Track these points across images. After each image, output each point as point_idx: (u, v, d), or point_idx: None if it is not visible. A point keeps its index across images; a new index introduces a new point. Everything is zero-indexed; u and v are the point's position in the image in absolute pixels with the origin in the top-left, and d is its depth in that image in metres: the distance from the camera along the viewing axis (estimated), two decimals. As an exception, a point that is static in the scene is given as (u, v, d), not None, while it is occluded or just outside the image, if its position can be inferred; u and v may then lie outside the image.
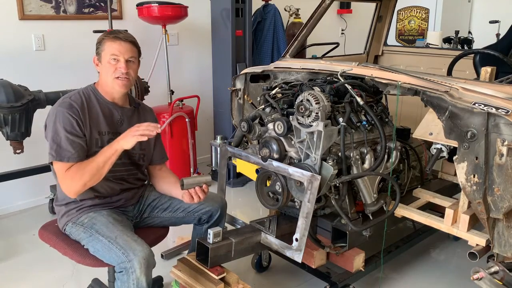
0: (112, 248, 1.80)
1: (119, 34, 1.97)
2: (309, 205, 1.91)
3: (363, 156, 2.10)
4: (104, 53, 1.95)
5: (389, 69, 2.17)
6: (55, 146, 1.85)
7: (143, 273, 1.76)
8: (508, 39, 3.39)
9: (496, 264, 1.82)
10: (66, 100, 1.93)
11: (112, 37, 1.95)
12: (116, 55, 1.93)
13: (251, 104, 2.68)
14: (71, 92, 2.02)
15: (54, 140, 1.86)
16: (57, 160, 1.85)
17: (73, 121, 1.87)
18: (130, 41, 1.99)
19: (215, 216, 2.20)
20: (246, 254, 2.26)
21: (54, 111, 1.91)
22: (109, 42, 1.94)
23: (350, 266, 2.28)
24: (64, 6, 3.52)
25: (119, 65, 1.94)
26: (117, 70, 1.94)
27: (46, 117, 1.96)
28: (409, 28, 6.17)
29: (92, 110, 1.96)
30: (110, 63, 1.94)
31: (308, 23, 2.88)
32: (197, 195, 1.97)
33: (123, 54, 1.94)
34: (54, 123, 1.87)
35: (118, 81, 1.95)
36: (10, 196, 3.46)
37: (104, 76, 1.98)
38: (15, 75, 3.02)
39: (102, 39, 1.97)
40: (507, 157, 1.65)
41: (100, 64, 1.98)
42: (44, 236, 2.04)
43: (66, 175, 1.85)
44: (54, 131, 1.87)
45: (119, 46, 1.94)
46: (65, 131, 1.85)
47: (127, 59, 1.95)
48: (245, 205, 3.73)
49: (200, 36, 4.32)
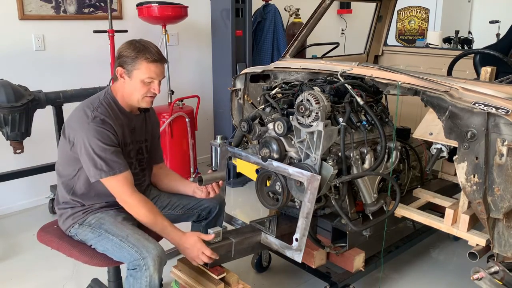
0: (124, 247, 1.81)
1: (155, 56, 1.88)
2: (309, 205, 1.91)
3: (363, 156, 2.10)
4: (139, 73, 1.87)
5: (389, 69, 2.17)
6: (103, 162, 1.81)
7: (156, 270, 1.78)
8: (508, 39, 3.39)
9: (496, 264, 1.82)
10: (95, 112, 1.86)
11: (151, 60, 1.86)
12: (153, 78, 1.89)
13: (251, 104, 2.68)
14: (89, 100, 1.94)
15: (100, 157, 1.81)
16: (111, 175, 1.82)
17: (110, 135, 1.85)
18: (164, 61, 1.93)
19: (214, 213, 2.22)
20: (246, 254, 2.26)
21: (87, 127, 1.83)
22: (146, 63, 1.86)
23: (350, 266, 2.28)
24: (64, 6, 3.52)
25: (154, 86, 1.91)
26: (150, 90, 1.91)
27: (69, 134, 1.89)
28: (409, 28, 6.17)
29: (116, 122, 1.91)
30: (144, 84, 1.89)
31: (308, 23, 2.88)
32: (214, 190, 2.10)
33: (159, 76, 1.91)
34: (93, 140, 1.81)
35: (148, 99, 1.93)
36: (10, 196, 3.46)
37: (131, 92, 1.92)
38: (15, 75, 3.02)
39: (135, 56, 1.86)
40: (507, 157, 1.65)
41: (128, 79, 1.90)
42: (44, 238, 2.03)
43: (132, 197, 1.86)
44: (95, 148, 1.81)
45: (157, 69, 1.89)
46: (107, 145, 1.82)
47: (160, 80, 1.93)
48: (245, 205, 3.73)
49: (200, 36, 4.32)
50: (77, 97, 3.06)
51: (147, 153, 2.11)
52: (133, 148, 2.00)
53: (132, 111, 2.02)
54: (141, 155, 2.06)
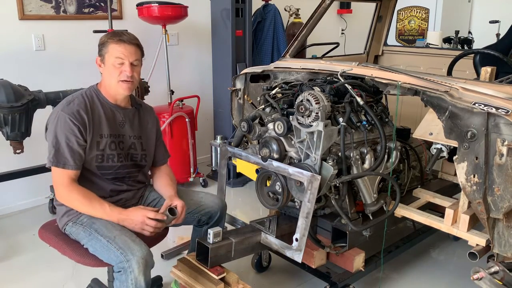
0: (110, 248, 1.79)
1: (123, 37, 1.93)
2: (309, 205, 1.91)
3: (363, 156, 2.10)
4: (108, 56, 1.92)
5: (389, 69, 2.17)
6: (54, 151, 1.85)
7: (141, 272, 1.76)
8: (508, 39, 3.39)
9: (496, 264, 1.82)
10: (70, 104, 1.90)
11: (117, 40, 1.91)
12: (121, 58, 1.91)
13: (251, 104, 2.68)
14: (74, 93, 2.00)
15: (54, 146, 1.85)
16: (55, 165, 1.85)
17: (75, 128, 1.86)
18: (134, 44, 1.95)
19: (215, 218, 2.20)
20: (246, 254, 2.26)
21: (56, 115, 1.89)
22: (113, 44, 1.91)
23: (350, 266, 2.28)
24: (64, 6, 3.52)
25: (124, 68, 1.92)
26: (122, 73, 1.92)
27: (48, 117, 1.95)
28: (409, 28, 6.17)
29: (95, 113, 1.94)
30: (115, 66, 1.91)
31: (308, 23, 2.88)
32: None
33: (128, 57, 1.92)
34: (55, 127, 1.86)
35: (122, 84, 1.94)
36: (10, 196, 3.46)
37: (107, 79, 1.96)
38: (15, 75, 3.02)
39: (105, 41, 1.93)
40: (507, 157, 1.65)
41: (103, 66, 1.95)
42: (44, 235, 2.04)
43: (68, 188, 1.86)
44: (55, 136, 1.86)
45: (124, 49, 1.91)
46: (66, 138, 1.85)
47: (131, 62, 1.93)
48: (245, 205, 3.73)
49: (200, 36, 4.32)
50: (77, 97, 3.06)
51: (143, 150, 2.08)
52: (115, 140, 1.98)
53: (119, 105, 2.02)
54: (134, 150, 2.05)
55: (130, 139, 2.04)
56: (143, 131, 2.11)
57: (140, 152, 2.08)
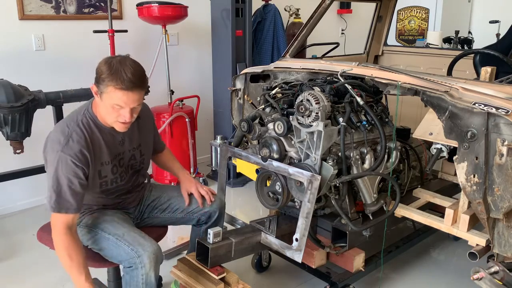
0: (120, 245, 1.81)
1: (125, 83, 1.67)
2: (309, 205, 1.91)
3: (363, 156, 2.10)
4: (107, 97, 1.72)
5: (389, 69, 2.17)
6: (56, 196, 1.72)
7: (152, 268, 1.78)
8: (508, 39, 3.39)
9: (496, 264, 1.82)
10: (69, 142, 1.73)
11: (119, 87, 1.68)
12: (121, 106, 1.73)
13: (251, 104, 2.68)
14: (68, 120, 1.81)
15: (55, 190, 1.72)
16: (57, 212, 1.73)
17: (79, 171, 1.73)
18: (138, 88, 1.72)
19: (214, 217, 2.20)
20: (246, 254, 2.26)
21: (56, 156, 1.71)
22: (113, 89, 1.68)
23: (350, 266, 2.28)
24: (64, 6, 3.52)
25: (123, 112, 1.75)
26: (120, 116, 1.76)
27: (44, 151, 1.78)
28: (409, 28, 6.17)
29: (95, 144, 1.81)
30: (113, 108, 1.74)
31: (308, 23, 2.88)
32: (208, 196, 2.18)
33: (129, 104, 1.73)
34: (57, 171, 1.71)
35: (119, 124, 1.79)
36: (10, 196, 3.46)
37: (103, 114, 1.80)
38: (15, 75, 3.02)
39: (104, 79, 1.68)
40: (507, 157, 1.65)
41: (100, 100, 1.76)
42: (43, 238, 2.03)
43: (62, 237, 1.73)
44: (56, 180, 1.72)
45: (126, 98, 1.71)
46: (69, 181, 1.72)
47: (132, 107, 1.76)
48: (245, 205, 3.73)
49: (200, 36, 4.32)
50: (77, 97, 3.06)
51: (142, 155, 2.05)
52: (116, 163, 1.91)
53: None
54: (133, 160, 2.00)
55: (130, 152, 1.98)
56: (143, 139, 2.04)
57: (139, 159, 2.05)
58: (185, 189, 2.20)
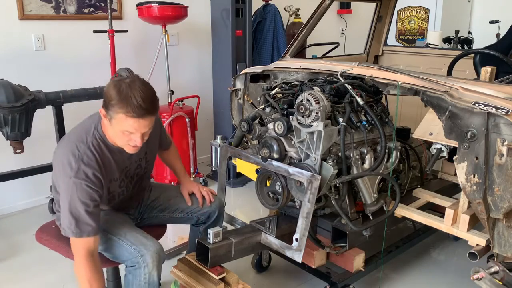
0: (122, 245, 1.82)
1: (136, 110, 1.61)
2: (309, 205, 1.91)
3: (363, 156, 2.10)
4: (116, 122, 1.67)
5: (389, 69, 2.17)
6: (75, 222, 1.68)
7: (155, 267, 1.79)
8: (508, 39, 3.39)
9: (496, 264, 1.82)
10: (81, 167, 1.69)
11: (130, 115, 1.62)
12: (131, 132, 1.69)
13: (251, 104, 2.68)
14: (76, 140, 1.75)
15: (73, 216, 1.69)
16: (78, 237, 1.70)
17: (94, 193, 1.71)
18: (149, 115, 1.67)
19: (213, 217, 2.21)
20: (246, 254, 2.26)
21: (69, 181, 1.68)
22: (124, 116, 1.63)
23: (350, 266, 2.28)
24: (64, 6, 3.52)
25: (134, 137, 1.71)
26: (131, 140, 1.72)
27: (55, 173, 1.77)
28: (409, 28, 6.17)
29: (106, 164, 1.79)
30: (123, 133, 1.70)
31: (308, 23, 2.88)
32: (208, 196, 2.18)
33: (140, 130, 1.69)
34: (72, 197, 1.68)
35: (130, 147, 1.76)
36: (10, 196, 3.46)
37: (113, 137, 1.77)
38: (15, 75, 3.02)
39: (115, 104, 1.62)
40: (507, 157, 1.65)
41: (109, 124, 1.71)
42: (42, 239, 2.03)
43: (84, 262, 1.70)
44: (73, 205, 1.68)
45: (137, 125, 1.66)
46: (86, 205, 1.69)
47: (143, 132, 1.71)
48: (245, 205, 3.73)
49: (200, 36, 4.32)
50: (77, 97, 3.07)
51: (147, 161, 2.04)
52: (124, 177, 1.91)
53: None
54: (139, 169, 1.98)
55: (136, 163, 1.96)
56: (149, 146, 2.00)
57: (144, 165, 2.03)
58: (186, 189, 2.20)
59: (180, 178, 2.27)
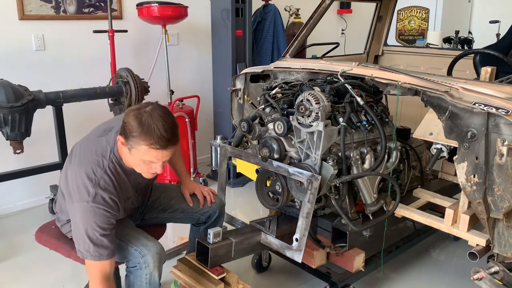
0: (123, 246, 1.82)
1: (159, 142, 1.59)
2: (309, 205, 1.91)
3: (363, 156, 2.10)
4: (137, 152, 1.64)
5: (389, 69, 2.17)
6: (92, 245, 1.67)
7: (156, 267, 1.80)
8: (508, 39, 3.39)
9: (496, 264, 1.82)
10: (99, 191, 1.68)
11: (153, 148, 1.61)
12: (153, 162, 1.68)
13: (251, 104, 2.68)
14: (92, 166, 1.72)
15: (90, 239, 1.67)
16: (97, 260, 1.69)
17: (111, 217, 1.71)
18: (172, 146, 1.65)
19: (214, 217, 2.21)
20: (246, 254, 2.26)
21: (86, 206, 1.66)
22: (147, 147, 1.61)
23: (350, 266, 2.28)
24: (64, 6, 3.52)
25: (155, 166, 1.70)
26: (151, 168, 1.71)
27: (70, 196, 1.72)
28: (409, 28, 6.17)
29: (122, 187, 1.78)
30: (144, 162, 1.68)
31: (308, 23, 2.88)
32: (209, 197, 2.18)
33: (162, 160, 1.68)
34: (89, 220, 1.67)
35: (149, 174, 1.75)
36: (10, 196, 3.46)
37: (132, 164, 1.74)
38: (15, 75, 3.02)
39: (136, 136, 1.60)
40: (507, 157, 1.65)
41: (128, 152, 1.68)
42: (42, 239, 2.03)
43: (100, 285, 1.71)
44: (90, 230, 1.67)
45: (159, 155, 1.64)
46: (103, 230, 1.68)
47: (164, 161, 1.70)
48: (245, 205, 3.73)
49: (200, 36, 4.32)
50: (77, 97, 3.06)
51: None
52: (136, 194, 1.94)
53: None
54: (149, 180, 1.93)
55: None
56: None
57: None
58: (187, 189, 2.20)
59: (181, 178, 2.26)
